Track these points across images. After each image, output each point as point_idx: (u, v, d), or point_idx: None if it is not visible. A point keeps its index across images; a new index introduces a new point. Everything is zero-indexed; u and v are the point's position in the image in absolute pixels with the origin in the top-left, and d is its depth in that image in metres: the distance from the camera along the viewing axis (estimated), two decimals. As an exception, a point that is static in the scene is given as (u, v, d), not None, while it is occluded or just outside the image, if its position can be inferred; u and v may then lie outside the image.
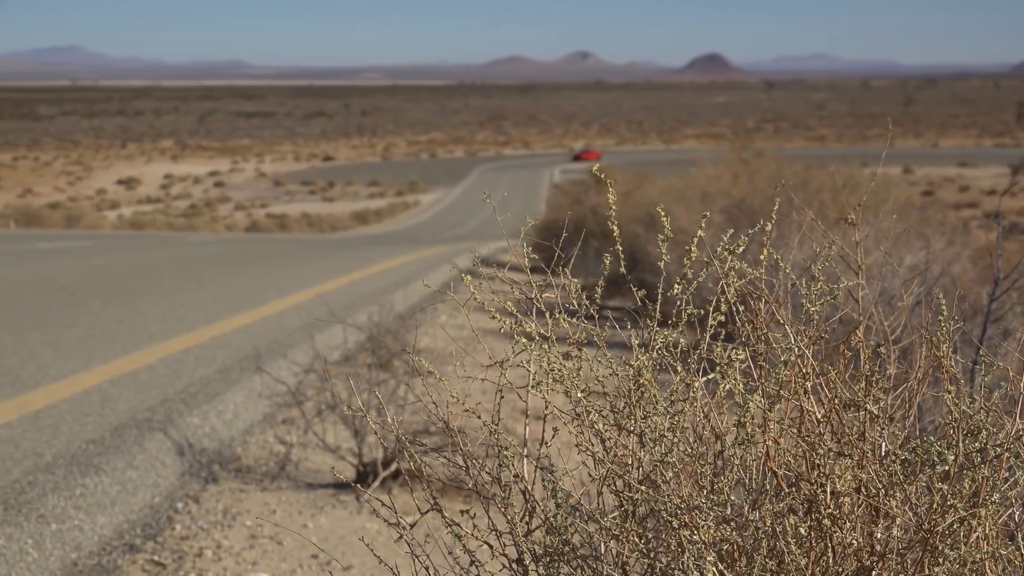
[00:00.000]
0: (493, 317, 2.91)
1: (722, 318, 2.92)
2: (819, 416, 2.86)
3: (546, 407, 2.91)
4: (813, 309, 2.95)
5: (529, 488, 2.94)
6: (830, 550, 2.76)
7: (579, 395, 2.85)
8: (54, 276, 18.58)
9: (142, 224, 70.00)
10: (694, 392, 2.85)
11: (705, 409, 2.87)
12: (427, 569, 3.06)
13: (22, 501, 6.36)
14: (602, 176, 3.00)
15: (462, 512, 2.98)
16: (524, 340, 2.88)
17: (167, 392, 9.12)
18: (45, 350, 10.77)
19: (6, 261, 22.45)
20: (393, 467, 7.38)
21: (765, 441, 2.79)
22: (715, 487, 2.77)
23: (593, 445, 2.86)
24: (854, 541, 2.75)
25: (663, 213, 2.95)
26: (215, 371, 10.10)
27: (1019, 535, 2.81)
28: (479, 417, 2.93)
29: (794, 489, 2.81)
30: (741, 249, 2.88)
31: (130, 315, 13.46)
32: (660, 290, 2.95)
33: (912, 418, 3.01)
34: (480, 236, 56.09)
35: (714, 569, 2.69)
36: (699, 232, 2.89)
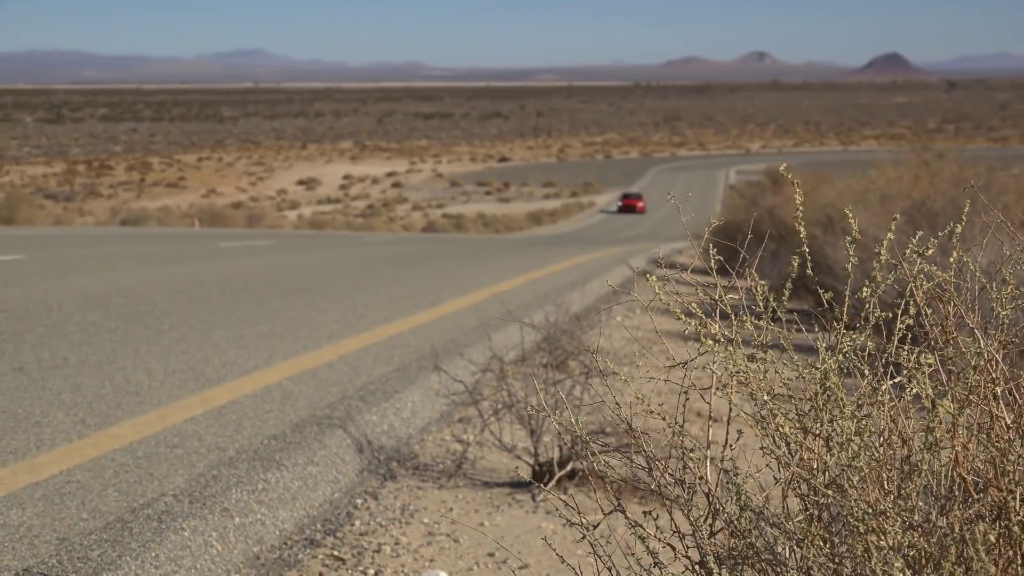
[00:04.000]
0: (678, 318, 2.90)
1: (910, 321, 2.88)
2: (1009, 422, 2.81)
3: (730, 409, 2.89)
4: (1004, 313, 2.89)
5: (713, 490, 2.92)
6: (1020, 557, 2.71)
7: (764, 398, 2.83)
8: (237, 274, 18.92)
9: (321, 224, 71.16)
10: (881, 396, 2.81)
11: (892, 413, 2.83)
12: (609, 570, 3.06)
13: (206, 495, 6.47)
14: (787, 176, 2.99)
15: (644, 513, 2.98)
16: (710, 342, 2.87)
17: (346, 390, 9.23)
18: (228, 347, 10.97)
19: (191, 259, 22.92)
20: (569, 467, 7.37)
21: (954, 446, 2.74)
22: (902, 492, 2.73)
23: (778, 448, 2.84)
24: (1045, 550, 2.69)
25: (850, 215, 2.92)
26: (393, 369, 10.20)
27: None
28: (663, 418, 2.91)
29: (983, 495, 2.76)
30: (930, 252, 2.84)
31: (310, 313, 13.66)
32: (847, 292, 2.92)
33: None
34: (654, 237, 55.95)
35: (901, 575, 2.66)
36: (888, 235, 2.85)
